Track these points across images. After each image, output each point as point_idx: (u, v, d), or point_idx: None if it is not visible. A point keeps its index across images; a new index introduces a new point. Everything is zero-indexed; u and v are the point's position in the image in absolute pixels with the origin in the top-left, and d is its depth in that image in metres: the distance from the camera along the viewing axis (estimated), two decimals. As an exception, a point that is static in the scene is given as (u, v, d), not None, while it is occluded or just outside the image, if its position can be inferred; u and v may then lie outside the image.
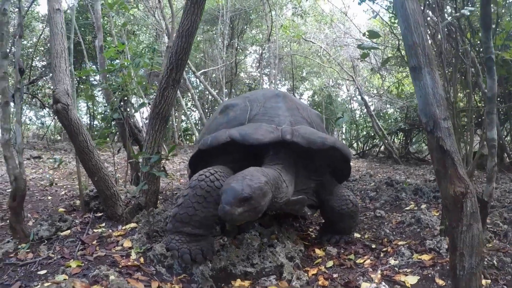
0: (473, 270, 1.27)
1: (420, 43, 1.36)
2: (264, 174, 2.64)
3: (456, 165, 1.27)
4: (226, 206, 2.33)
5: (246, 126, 3.21)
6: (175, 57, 3.36)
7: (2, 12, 3.32)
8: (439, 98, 1.30)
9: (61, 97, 3.19)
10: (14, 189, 3.19)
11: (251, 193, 2.39)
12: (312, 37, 12.93)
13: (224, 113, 3.58)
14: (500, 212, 4.09)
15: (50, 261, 2.89)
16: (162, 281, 2.53)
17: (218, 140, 3.10)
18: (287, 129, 3.10)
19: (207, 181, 2.71)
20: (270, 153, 3.15)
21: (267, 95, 3.60)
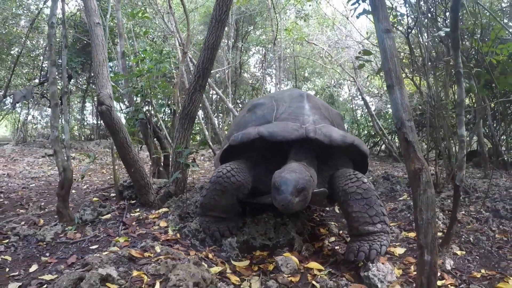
0: (429, 221, 1.93)
1: (393, 69, 2.03)
2: (306, 169, 3.06)
3: (416, 150, 1.93)
4: (288, 195, 2.71)
5: (273, 124, 3.54)
6: (201, 67, 4.06)
7: (50, 25, 3.99)
8: (405, 106, 1.96)
9: (105, 100, 3.85)
10: (63, 179, 3.85)
11: (305, 184, 2.81)
12: (314, 39, 13.66)
13: (252, 112, 3.96)
14: (484, 201, 4.80)
15: (98, 239, 3.50)
16: (198, 251, 3.21)
17: (248, 136, 3.45)
18: (311, 127, 3.37)
19: (224, 178, 3.25)
20: (294, 149, 3.43)
21: (292, 95, 3.90)
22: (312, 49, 14.82)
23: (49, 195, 5.95)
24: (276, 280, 2.73)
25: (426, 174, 1.91)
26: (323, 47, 13.66)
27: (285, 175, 2.84)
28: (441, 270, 2.93)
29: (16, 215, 4.45)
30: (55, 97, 3.92)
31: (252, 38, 15.39)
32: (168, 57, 6.81)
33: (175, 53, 8.46)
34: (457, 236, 3.62)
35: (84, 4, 4.37)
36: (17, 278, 2.75)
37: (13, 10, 12.30)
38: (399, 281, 2.78)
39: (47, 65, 3.98)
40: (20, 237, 3.53)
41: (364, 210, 3.04)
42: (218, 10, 3.99)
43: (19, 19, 13.03)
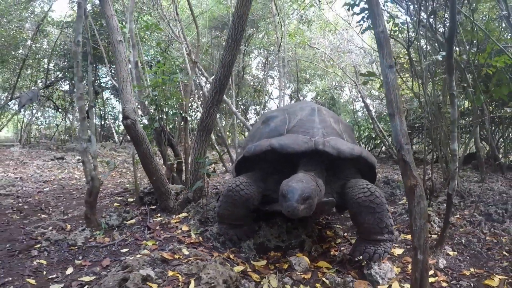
0: (422, 227, 2.38)
1: (395, 100, 2.47)
2: (312, 179, 3.30)
3: (412, 169, 2.38)
4: (294, 203, 2.96)
5: (285, 136, 3.79)
6: (218, 83, 4.52)
7: (76, 44, 4.28)
8: (404, 132, 2.39)
9: (129, 114, 4.25)
10: (91, 187, 4.22)
11: (310, 193, 3.06)
12: (316, 43, 14.14)
13: (266, 124, 4.23)
14: (478, 206, 5.27)
15: (126, 242, 3.90)
16: (220, 253, 3.62)
17: (261, 148, 3.75)
18: (320, 140, 3.61)
19: (233, 191, 3.61)
20: (304, 160, 3.67)
21: (304, 109, 4.14)
22: (314, 52, 15.32)
23: (65, 199, 6.28)
24: (291, 277, 3.20)
25: (420, 189, 2.37)
26: (325, 51, 14.15)
27: (292, 184, 3.10)
28: (434, 268, 3.40)
29: (39, 220, 4.79)
30: (83, 111, 4.26)
31: (255, 41, 15.89)
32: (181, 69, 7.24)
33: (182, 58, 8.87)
34: (450, 238, 4.09)
35: (106, 23, 4.77)
36: (56, 280, 3.08)
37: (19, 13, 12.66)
38: (398, 278, 3.26)
39: (75, 80, 4.34)
40: (51, 241, 3.84)
41: (376, 222, 3.35)
42: (234, 30, 4.43)
43: (24, 22, 13.40)
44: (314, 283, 3.19)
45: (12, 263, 3.38)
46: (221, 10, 12.38)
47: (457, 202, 5.43)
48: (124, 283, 2.68)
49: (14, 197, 6.18)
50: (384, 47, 2.57)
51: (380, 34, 2.57)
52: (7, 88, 15.70)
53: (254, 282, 3.03)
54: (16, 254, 3.55)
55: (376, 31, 2.60)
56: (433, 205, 5.11)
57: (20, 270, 3.25)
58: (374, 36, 5.22)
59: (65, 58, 14.49)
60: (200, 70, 9.12)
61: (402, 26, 6.56)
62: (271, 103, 21.11)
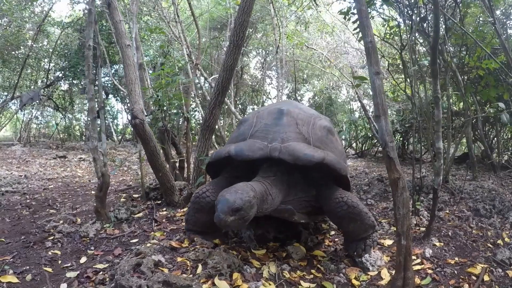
0: (404, 215, 2.72)
1: (380, 103, 2.81)
2: (252, 189, 3.19)
3: (396, 164, 2.72)
4: (220, 214, 2.94)
5: (244, 142, 3.77)
6: (221, 85, 4.88)
7: (88, 48, 4.57)
8: (388, 132, 2.73)
9: (138, 114, 4.58)
10: (101, 183, 4.50)
11: (242, 204, 2.98)
12: (314, 44, 14.54)
13: (238, 128, 4.26)
14: (467, 202, 5.65)
15: (135, 234, 4.24)
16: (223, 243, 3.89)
17: (219, 155, 3.84)
18: (276, 146, 3.54)
19: (200, 198, 3.67)
20: (264, 166, 3.67)
21: (271, 112, 4.03)
22: (311, 53, 15.72)
23: (70, 196, 6.56)
24: (288, 264, 3.54)
25: (402, 182, 2.73)
26: (322, 52, 14.56)
27: (224, 195, 3.07)
28: (421, 257, 3.77)
29: (49, 215, 5.07)
30: (94, 111, 4.54)
31: (253, 42, 16.30)
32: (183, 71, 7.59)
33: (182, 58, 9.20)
34: (437, 231, 4.45)
35: (114, 28, 5.13)
36: (71, 268, 3.36)
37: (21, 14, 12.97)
38: (387, 265, 3.63)
39: (86, 82, 4.68)
40: (63, 234, 4.14)
41: (357, 226, 3.58)
42: (235, 36, 4.79)
43: (25, 22, 13.71)
44: (310, 269, 3.55)
45: (28, 253, 3.64)
46: (220, 11, 12.74)
47: (447, 199, 5.80)
48: (138, 268, 3.00)
49: (21, 194, 6.48)
50: (372, 56, 2.92)
51: (369, 44, 2.92)
52: (7, 88, 16.01)
53: (255, 268, 3.36)
54: (31, 246, 3.81)
55: (365, 41, 2.95)
56: (424, 202, 5.49)
57: (36, 259, 3.51)
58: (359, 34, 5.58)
59: (65, 58, 14.80)
60: (199, 70, 9.45)
61: (396, 29, 6.94)
62: (269, 103, 21.53)
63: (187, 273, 3.09)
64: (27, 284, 3.08)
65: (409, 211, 2.75)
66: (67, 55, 14.63)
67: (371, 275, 3.47)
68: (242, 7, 4.71)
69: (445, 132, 6.60)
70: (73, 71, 14.13)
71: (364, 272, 3.51)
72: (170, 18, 10.80)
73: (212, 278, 2.98)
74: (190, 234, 3.85)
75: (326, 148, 3.79)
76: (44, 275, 3.22)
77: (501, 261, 3.76)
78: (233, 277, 3.09)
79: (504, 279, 3.47)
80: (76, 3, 14.30)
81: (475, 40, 5.10)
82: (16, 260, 3.49)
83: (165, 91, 5.92)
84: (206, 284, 2.90)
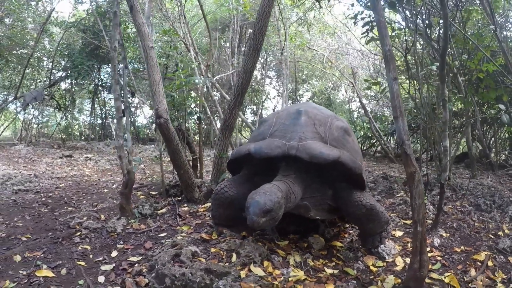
0: (420, 204, 3.13)
1: (398, 105, 3.20)
2: (279, 189, 3.40)
3: (412, 159, 3.11)
4: (253, 217, 3.13)
5: (263, 141, 3.99)
6: (240, 87, 5.26)
7: (113, 49, 4.74)
8: (405, 131, 3.11)
9: (162, 114, 4.92)
10: (127, 179, 4.72)
11: (272, 206, 3.18)
12: (315, 45, 15.01)
13: (258, 127, 4.56)
14: (469, 198, 6.10)
15: (162, 228, 4.51)
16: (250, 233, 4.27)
17: (239, 153, 4.12)
18: (293, 145, 3.74)
19: (219, 193, 4.05)
20: (283, 164, 3.86)
21: (290, 112, 4.24)
22: (313, 54, 16.17)
23: (84, 194, 6.78)
24: (310, 253, 3.92)
25: (418, 175, 3.13)
26: (323, 53, 15.02)
27: (254, 197, 3.26)
28: (430, 246, 4.18)
29: (68, 212, 5.26)
30: (120, 111, 4.72)
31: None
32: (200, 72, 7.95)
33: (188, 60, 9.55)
34: (443, 223, 4.88)
35: (137, 30, 5.39)
36: (104, 262, 3.55)
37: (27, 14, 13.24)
38: (400, 254, 4.05)
39: (111, 83, 4.93)
40: (90, 230, 4.34)
41: (375, 225, 3.89)
42: (255, 40, 5.17)
43: (29, 22, 13.98)
44: (331, 257, 3.94)
45: (58, 249, 3.83)
46: (223, 12, 13.12)
47: (449, 195, 6.25)
48: (177, 258, 3.31)
49: (34, 192, 6.70)
50: (390, 63, 3.28)
51: (387, 52, 3.29)
52: (8, 87, 16.26)
53: (282, 257, 3.72)
54: (59, 241, 4.01)
55: (383, 49, 3.32)
56: (428, 197, 5.93)
57: (67, 254, 3.71)
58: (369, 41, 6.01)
59: (68, 57, 15.07)
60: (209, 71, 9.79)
61: (399, 32, 7.35)
62: (268, 103, 21.96)
63: (223, 262, 3.45)
64: (63, 278, 3.26)
65: (424, 201, 3.16)
66: (71, 55, 14.91)
67: (387, 262, 3.88)
68: (261, 13, 5.08)
69: (446, 132, 7.06)
70: (77, 71, 14.40)
71: (380, 260, 3.91)
72: (174, 18, 11.13)
73: (247, 266, 3.35)
74: (218, 227, 4.23)
75: (342, 148, 3.96)
76: (78, 269, 3.41)
77: (503, 249, 4.20)
78: (264, 264, 3.46)
79: (506, 264, 3.91)
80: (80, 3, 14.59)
81: (476, 45, 5.53)
82: (47, 255, 3.67)
83: (180, 91, 6.30)
84: (243, 271, 3.25)
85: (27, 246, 3.92)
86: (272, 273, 3.35)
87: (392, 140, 15.81)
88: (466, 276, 3.64)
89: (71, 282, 3.19)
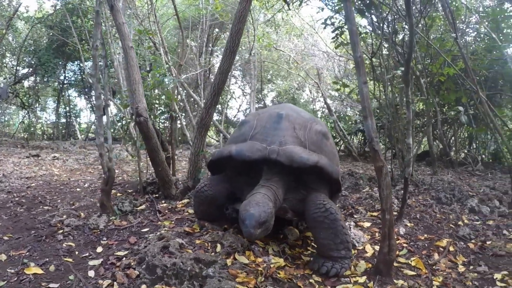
0: (387, 195, 3.48)
1: (367, 106, 3.52)
2: (269, 199, 3.57)
3: (380, 155, 3.44)
4: (250, 229, 3.27)
5: (245, 143, 4.08)
6: (217, 87, 5.53)
7: (94, 48, 4.89)
8: (374, 129, 3.43)
9: (142, 112, 5.09)
10: (108, 177, 4.84)
11: (266, 217, 3.35)
12: (282, 46, 15.46)
13: (239, 128, 4.57)
14: (430, 192, 6.62)
15: (144, 224, 4.68)
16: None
17: (221, 154, 4.23)
18: (274, 149, 3.84)
19: (200, 192, 4.33)
20: (265, 168, 3.99)
21: (271, 115, 4.31)
22: (279, 55, 16.61)
23: (57, 193, 6.77)
24: (287, 243, 4.28)
25: (386, 169, 3.50)
26: (290, 54, 15.48)
27: (249, 209, 3.37)
28: (396, 234, 4.61)
29: (46, 211, 5.29)
30: (101, 109, 4.85)
31: (222, 42, 17.02)
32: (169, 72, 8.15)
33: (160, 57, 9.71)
34: (407, 215, 5.33)
35: (117, 30, 5.43)
36: (91, 257, 3.69)
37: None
38: (369, 242, 4.46)
39: (93, 81, 4.93)
40: (72, 227, 4.43)
41: (330, 238, 3.68)
42: (231, 42, 5.43)
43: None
44: (306, 246, 4.31)
45: (42, 247, 3.92)
46: (192, 11, 13.34)
47: (412, 190, 6.75)
48: (165, 249, 3.55)
49: (6, 192, 6.62)
50: (361, 68, 3.59)
51: (358, 58, 3.63)
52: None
53: (261, 247, 4.04)
54: (43, 239, 4.09)
55: (355, 55, 3.66)
56: (393, 192, 6.41)
57: (53, 252, 3.80)
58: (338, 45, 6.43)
59: (34, 54, 14.86)
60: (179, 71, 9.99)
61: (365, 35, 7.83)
62: (233, 102, 22.28)
63: (209, 252, 3.74)
64: (53, 274, 3.37)
65: (391, 192, 3.55)
66: (37, 52, 14.71)
67: (358, 249, 4.28)
68: (238, 17, 5.35)
69: (408, 130, 7.59)
70: (43, 68, 14.26)
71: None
72: (143, 16, 11.25)
73: (231, 255, 3.67)
74: (200, 221, 4.52)
75: (320, 152, 4.10)
76: (66, 265, 3.53)
77: (463, 236, 4.72)
78: (246, 254, 3.78)
79: (466, 249, 4.42)
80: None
81: (438, 50, 6.03)
82: (32, 253, 3.76)
83: (153, 91, 6.46)
84: (228, 259, 3.57)
85: (11, 245, 4.00)
86: (255, 260, 3.67)
87: (355, 139, 16.38)
88: (430, 260, 4.10)
89: (61, 278, 3.32)
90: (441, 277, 3.72)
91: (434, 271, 3.88)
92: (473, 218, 5.50)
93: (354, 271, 3.76)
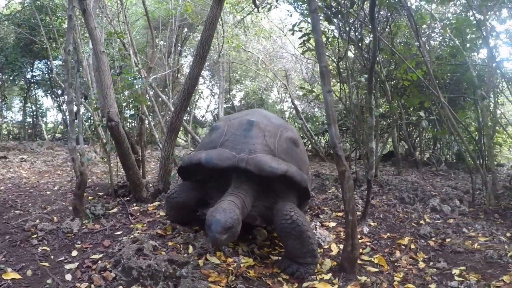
0: (350, 197, 3.71)
1: (331, 114, 3.72)
2: (236, 206, 3.61)
3: (343, 160, 3.65)
4: (216, 234, 3.28)
5: (214, 150, 4.11)
6: (187, 92, 5.66)
7: (67, 53, 4.83)
8: (337, 135, 3.63)
9: (113, 117, 5.19)
10: (80, 181, 4.90)
11: (232, 223, 3.37)
12: (250, 47, 15.70)
13: (209, 134, 4.64)
14: (394, 192, 6.96)
15: (117, 227, 4.78)
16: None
17: (191, 161, 4.25)
18: (243, 157, 3.89)
19: (170, 198, 4.45)
20: (234, 175, 4.04)
21: (242, 122, 4.33)
22: (247, 56, 16.85)
23: (27, 197, 6.68)
24: (256, 243, 4.48)
25: (348, 172, 3.74)
26: (258, 55, 15.74)
27: (215, 215, 3.40)
28: (360, 233, 4.88)
29: (18, 216, 5.25)
30: (73, 114, 4.87)
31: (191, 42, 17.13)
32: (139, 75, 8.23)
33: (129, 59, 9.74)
34: (371, 214, 5.62)
35: (89, 34, 5.49)
36: (67, 261, 3.75)
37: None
38: (334, 241, 4.72)
39: (65, 86, 5.06)
40: (46, 231, 4.45)
41: (297, 247, 3.76)
42: (201, 48, 5.55)
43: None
44: (274, 246, 4.53)
45: (18, 252, 3.95)
46: (161, 11, 13.39)
47: (376, 190, 7.08)
48: (140, 252, 3.68)
49: None
50: (326, 78, 3.77)
51: (323, 68, 3.81)
52: None
53: (231, 248, 4.21)
54: (18, 244, 4.10)
55: (320, 65, 3.83)
56: (357, 192, 6.73)
57: (29, 256, 3.84)
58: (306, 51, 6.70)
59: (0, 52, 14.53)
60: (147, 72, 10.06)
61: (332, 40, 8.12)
62: (201, 102, 22.37)
63: (182, 253, 3.91)
64: (30, 279, 3.41)
65: (353, 194, 3.80)
66: (4, 50, 14.42)
67: (323, 248, 4.54)
68: (208, 23, 5.45)
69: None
70: (11, 67, 14.04)
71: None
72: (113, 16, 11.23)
73: (203, 256, 3.86)
74: (172, 224, 4.69)
75: (290, 160, 4.17)
76: (43, 270, 3.58)
77: (424, 234, 5.05)
78: (217, 254, 3.96)
79: (426, 247, 4.72)
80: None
81: (401, 58, 6.37)
82: (8, 258, 3.79)
83: (122, 93, 6.57)
84: (200, 260, 3.75)
85: (-14, 251, 3.94)
86: (226, 261, 3.86)
87: (322, 140, 16.73)
88: (392, 257, 4.39)
89: (39, 283, 3.38)
90: (402, 273, 3.99)
91: (395, 267, 4.15)
92: (434, 217, 5.86)
93: (320, 269, 3.98)
